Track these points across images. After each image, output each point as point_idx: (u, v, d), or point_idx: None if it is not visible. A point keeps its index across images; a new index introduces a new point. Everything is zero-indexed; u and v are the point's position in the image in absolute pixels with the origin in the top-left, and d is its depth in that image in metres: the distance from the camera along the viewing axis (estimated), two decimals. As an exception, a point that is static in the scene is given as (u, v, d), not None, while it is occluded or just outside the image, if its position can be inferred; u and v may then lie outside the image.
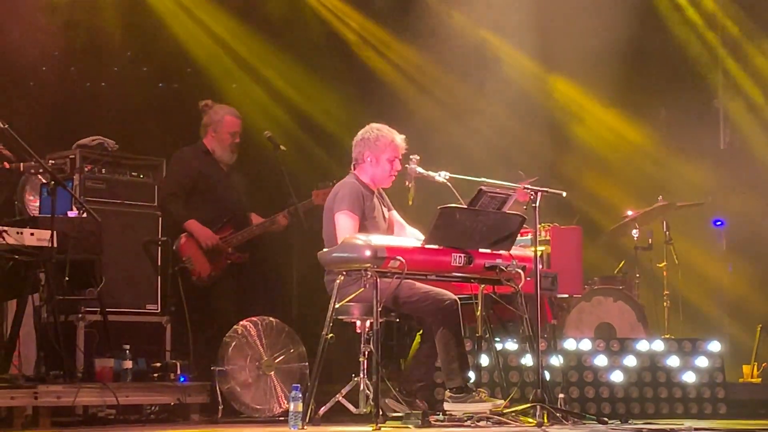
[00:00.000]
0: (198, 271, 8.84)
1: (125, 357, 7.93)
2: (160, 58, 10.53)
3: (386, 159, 7.61)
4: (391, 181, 7.71)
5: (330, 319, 7.17)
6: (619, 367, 8.96)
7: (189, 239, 8.84)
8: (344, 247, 7.06)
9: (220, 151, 9.15)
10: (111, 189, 8.61)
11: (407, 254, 6.95)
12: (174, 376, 8.09)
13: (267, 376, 8.16)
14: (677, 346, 9.20)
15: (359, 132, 7.74)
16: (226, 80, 10.90)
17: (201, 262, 8.84)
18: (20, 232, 7.42)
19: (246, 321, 8.18)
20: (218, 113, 9.20)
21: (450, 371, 7.29)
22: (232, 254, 8.95)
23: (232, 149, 9.18)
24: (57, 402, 7.39)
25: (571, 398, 8.64)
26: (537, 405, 7.05)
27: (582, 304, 9.62)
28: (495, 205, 7.27)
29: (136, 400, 7.93)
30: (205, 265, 8.85)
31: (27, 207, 8.23)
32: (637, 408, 8.88)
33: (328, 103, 11.07)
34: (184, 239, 8.84)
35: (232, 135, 9.17)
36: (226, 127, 9.16)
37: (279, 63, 11.05)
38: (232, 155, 9.20)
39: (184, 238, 8.84)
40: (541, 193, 7.39)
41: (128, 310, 8.51)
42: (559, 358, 8.64)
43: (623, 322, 9.71)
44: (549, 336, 8.78)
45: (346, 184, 7.63)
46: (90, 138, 8.69)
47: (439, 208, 7.04)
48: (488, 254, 7.25)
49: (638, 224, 10.26)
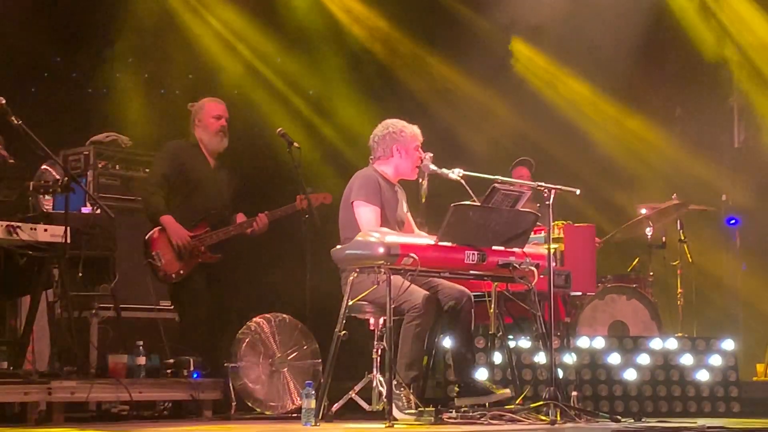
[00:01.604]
0: (165, 268, 8.58)
1: (139, 353, 7.93)
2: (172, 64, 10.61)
3: (413, 148, 7.64)
4: (416, 173, 7.70)
5: (343, 316, 7.17)
6: (633, 365, 8.94)
7: (161, 234, 8.55)
8: (357, 244, 7.05)
9: (208, 138, 8.87)
10: (125, 185, 8.61)
11: (421, 251, 6.94)
12: (187, 373, 8.10)
13: (280, 372, 8.16)
14: (691, 344, 9.19)
15: (377, 129, 7.72)
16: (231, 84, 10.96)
17: (170, 258, 8.58)
18: (34, 228, 7.43)
19: (259, 317, 8.18)
20: (199, 103, 9.09)
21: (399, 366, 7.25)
22: (204, 253, 8.70)
23: (219, 134, 8.87)
24: (70, 398, 7.40)
25: (585, 396, 8.63)
26: (550, 403, 7.04)
27: (595, 302, 9.60)
28: (508, 203, 7.25)
29: (150, 396, 7.93)
30: (173, 262, 8.63)
31: (41, 203, 8.24)
32: (650, 406, 8.86)
33: (341, 102, 11.10)
34: (156, 233, 8.54)
35: (216, 118, 8.91)
36: (207, 112, 8.93)
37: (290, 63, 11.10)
38: (221, 141, 8.90)
39: (156, 232, 8.55)
40: (555, 191, 7.38)
41: (142, 306, 8.52)
42: (573, 356, 8.63)
43: (637, 320, 9.69)
44: (562, 334, 8.77)
45: (362, 174, 7.62)
46: (104, 134, 8.71)
47: (452, 205, 7.03)
48: (502, 252, 7.24)
49: (652, 222, 10.24)
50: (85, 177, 8.44)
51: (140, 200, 8.65)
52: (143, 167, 8.69)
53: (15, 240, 7.36)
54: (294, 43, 11.48)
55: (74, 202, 7.75)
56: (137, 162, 8.69)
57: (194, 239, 8.57)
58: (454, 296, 7.43)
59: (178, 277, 8.57)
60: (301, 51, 11.46)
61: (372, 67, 11.72)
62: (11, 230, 7.31)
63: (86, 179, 8.42)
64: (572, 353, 8.63)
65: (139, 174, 8.68)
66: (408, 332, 7.20)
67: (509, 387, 7.65)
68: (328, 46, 11.58)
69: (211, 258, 8.64)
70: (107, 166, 8.52)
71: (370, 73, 11.69)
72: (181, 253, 8.53)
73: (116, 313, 8.03)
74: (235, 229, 8.77)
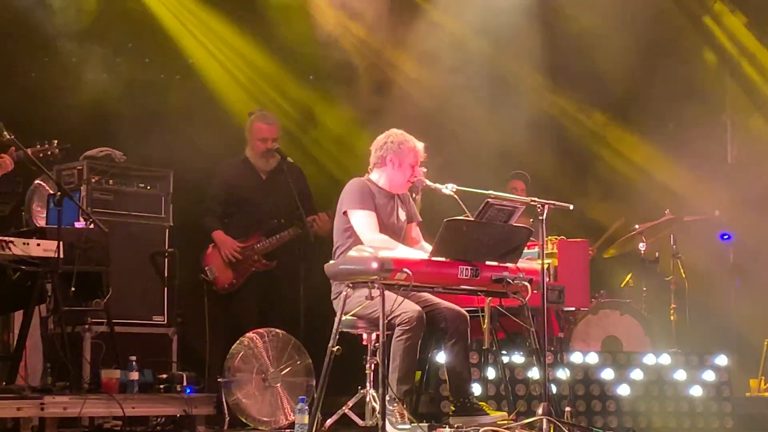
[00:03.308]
0: (220, 280, 8.96)
1: (132, 368, 7.92)
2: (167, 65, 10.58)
3: (409, 164, 7.60)
4: (407, 188, 7.69)
5: (336, 332, 7.16)
6: (626, 380, 8.94)
7: (214, 249, 9.06)
8: (351, 259, 7.03)
9: (254, 158, 9.26)
10: (118, 200, 8.62)
11: (414, 266, 6.93)
12: (180, 388, 8.09)
13: (273, 387, 8.16)
14: (684, 359, 9.19)
15: (380, 137, 7.70)
16: (232, 93, 10.92)
17: (223, 271, 8.97)
18: (27, 242, 7.43)
19: (252, 333, 8.19)
20: (250, 120, 9.31)
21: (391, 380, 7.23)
22: (257, 261, 9.00)
23: (264, 156, 9.23)
24: (63, 413, 7.39)
25: (578, 411, 8.63)
26: (544, 418, 7.03)
27: (589, 317, 9.61)
28: (502, 218, 7.25)
29: (143, 411, 7.92)
30: (227, 273, 8.97)
31: (34, 217, 8.25)
32: (643, 422, 8.86)
33: (338, 113, 11.07)
34: (210, 249, 9.08)
35: (262, 141, 9.22)
36: (255, 134, 9.28)
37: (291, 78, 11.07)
38: (267, 162, 9.25)
39: (210, 248, 9.08)
40: (549, 206, 7.39)
41: (135, 322, 8.52)
42: (566, 371, 8.63)
43: (630, 336, 9.70)
44: (556, 349, 8.78)
45: (351, 182, 7.59)
46: (98, 149, 8.71)
47: (445, 220, 7.02)
48: (495, 267, 7.23)
49: (645, 237, 10.25)
50: (79, 192, 8.44)
51: (134, 215, 8.70)
52: (137, 182, 8.73)
53: (8, 255, 7.36)
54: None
55: (67, 217, 7.75)
56: (131, 177, 8.70)
57: (246, 249, 8.82)
58: (451, 316, 7.42)
59: (231, 287, 8.97)
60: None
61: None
62: (4, 245, 7.31)
63: (80, 194, 8.42)
64: (566, 368, 8.63)
65: (133, 189, 8.69)
66: (398, 347, 7.18)
67: (504, 407, 7.64)
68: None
69: (265, 266, 8.89)
70: (101, 180, 8.52)
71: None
72: (235, 264, 8.81)
73: (109, 328, 8.02)
74: (287, 235, 9.05)
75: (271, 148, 9.21)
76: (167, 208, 8.83)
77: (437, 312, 7.41)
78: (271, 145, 9.22)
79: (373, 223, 7.40)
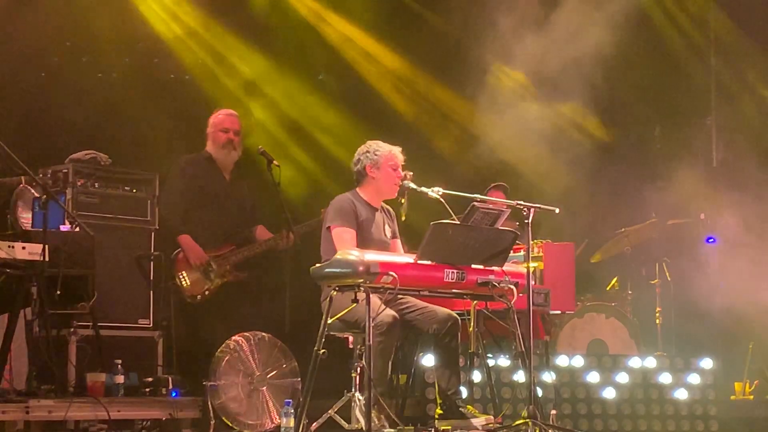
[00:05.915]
0: (190, 290, 8.78)
1: (117, 372, 7.91)
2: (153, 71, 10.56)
3: (389, 166, 7.65)
4: (396, 191, 7.71)
5: (322, 335, 7.16)
6: (612, 383, 8.96)
7: (185, 254, 8.81)
8: (337, 262, 7.04)
9: (216, 151, 9.03)
10: (104, 203, 8.59)
11: (400, 270, 6.94)
12: (166, 391, 8.07)
13: (259, 391, 8.16)
14: (669, 363, 9.21)
15: (356, 151, 7.77)
16: (221, 96, 10.91)
17: (195, 279, 8.79)
18: (12, 245, 7.40)
19: (238, 336, 8.18)
20: (212, 115, 9.16)
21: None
22: (229, 272, 8.88)
23: (227, 147, 9.00)
24: (48, 416, 7.37)
25: (564, 415, 8.64)
26: (529, 421, 7.04)
27: (574, 321, 9.64)
28: (488, 221, 7.27)
29: (128, 414, 7.90)
30: (200, 282, 8.79)
31: (19, 221, 8.21)
32: (629, 425, 8.88)
33: (327, 120, 11.09)
34: (181, 254, 8.81)
35: (224, 131, 9.02)
36: (216, 126, 9.07)
37: (279, 80, 11.06)
38: (230, 153, 9.03)
39: (181, 252, 8.81)
40: (534, 209, 7.40)
41: (120, 325, 8.49)
42: (552, 374, 8.64)
43: (616, 339, 9.73)
44: (541, 352, 8.78)
45: (337, 199, 7.70)
46: (83, 152, 8.68)
47: (432, 223, 7.04)
48: (481, 270, 7.25)
49: (631, 241, 10.27)
50: (64, 195, 8.41)
51: (119, 218, 8.64)
52: (122, 185, 8.69)
53: (-7, 258, 7.34)
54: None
55: (53, 220, 7.72)
56: (116, 180, 8.68)
57: (219, 258, 8.67)
58: (441, 319, 7.43)
59: (203, 298, 8.70)
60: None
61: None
62: (-11, 248, 7.29)
63: (65, 197, 8.39)
64: (551, 371, 8.65)
65: (119, 192, 8.66)
66: (372, 350, 7.18)
67: (489, 410, 7.65)
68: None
69: (236, 277, 8.72)
70: (86, 184, 8.50)
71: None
72: (206, 273, 8.56)
73: (95, 332, 8.00)
74: (261, 246, 8.83)
75: (235, 140, 9.07)
76: (153, 211, 8.78)
77: (428, 315, 7.44)
78: (233, 136, 9.08)
79: (350, 239, 7.46)
